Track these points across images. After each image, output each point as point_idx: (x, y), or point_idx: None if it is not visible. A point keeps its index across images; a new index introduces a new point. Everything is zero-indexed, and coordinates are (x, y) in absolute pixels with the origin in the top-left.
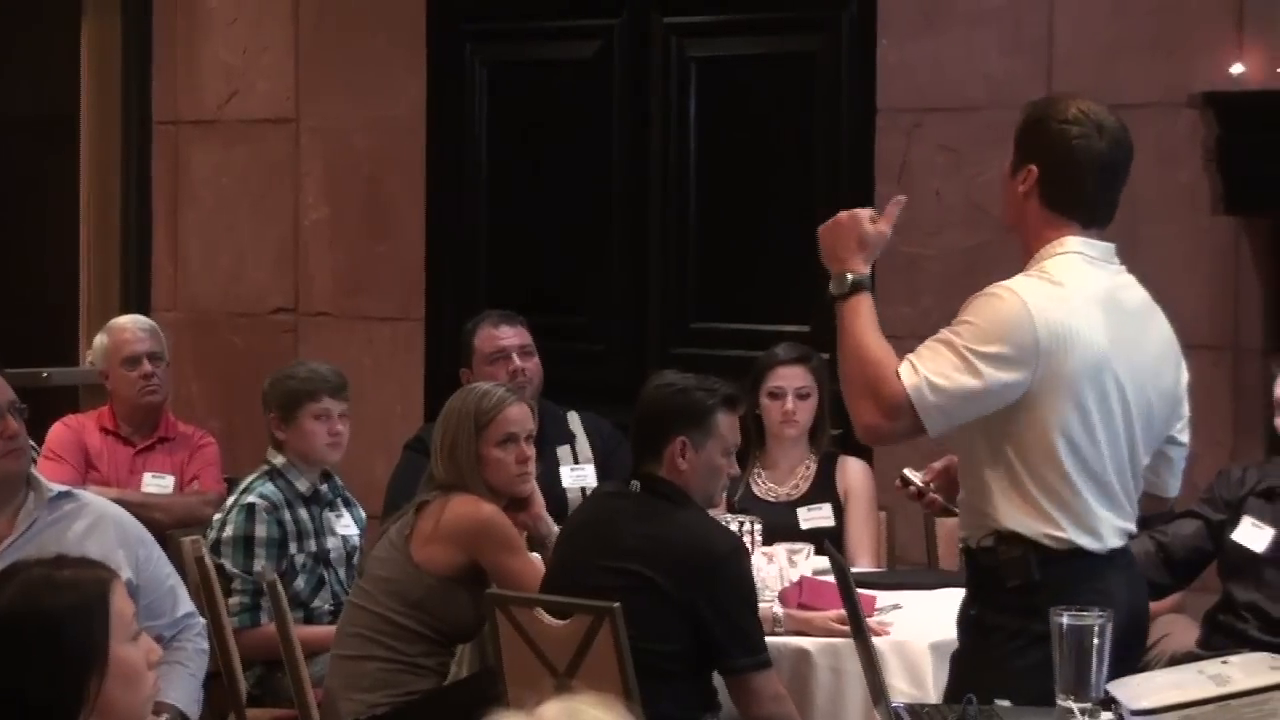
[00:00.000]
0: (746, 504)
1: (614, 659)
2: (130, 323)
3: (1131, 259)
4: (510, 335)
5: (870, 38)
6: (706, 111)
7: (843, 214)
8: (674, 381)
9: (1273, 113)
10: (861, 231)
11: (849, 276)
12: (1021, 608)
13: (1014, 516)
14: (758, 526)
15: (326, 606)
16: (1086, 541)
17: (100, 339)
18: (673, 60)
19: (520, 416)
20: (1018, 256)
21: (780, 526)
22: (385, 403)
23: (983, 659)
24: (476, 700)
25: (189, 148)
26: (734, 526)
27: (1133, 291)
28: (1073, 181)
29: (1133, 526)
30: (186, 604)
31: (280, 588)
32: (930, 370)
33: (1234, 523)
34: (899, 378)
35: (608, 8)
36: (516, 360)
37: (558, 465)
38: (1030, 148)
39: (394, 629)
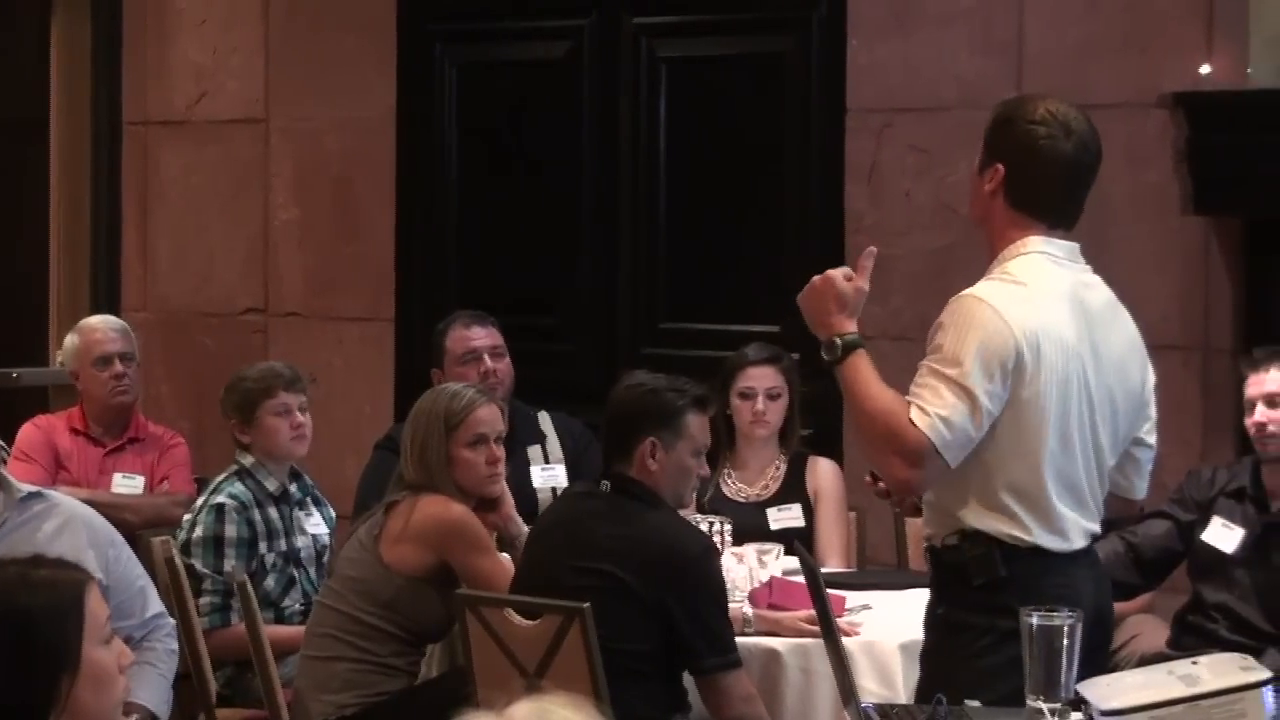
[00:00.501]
0: (716, 504)
1: (584, 659)
2: (101, 323)
3: (1101, 259)
4: (481, 336)
5: (840, 38)
6: (676, 112)
7: (815, 279)
8: (644, 382)
9: (1242, 113)
10: (838, 291)
11: (838, 340)
12: (989, 606)
13: (981, 517)
14: (728, 527)
15: (297, 606)
16: (1052, 543)
17: (71, 339)
18: (643, 61)
19: (490, 417)
20: (987, 257)
21: (750, 527)
22: (355, 403)
23: (952, 658)
24: (446, 701)
25: (159, 148)
26: (704, 527)
27: (1097, 291)
28: (1038, 182)
29: (1097, 527)
30: (156, 604)
31: (250, 588)
32: (937, 408)
33: (1204, 523)
34: (915, 425)
35: (578, 8)
36: (488, 361)
37: (528, 465)
38: (997, 147)
39: (363, 629)
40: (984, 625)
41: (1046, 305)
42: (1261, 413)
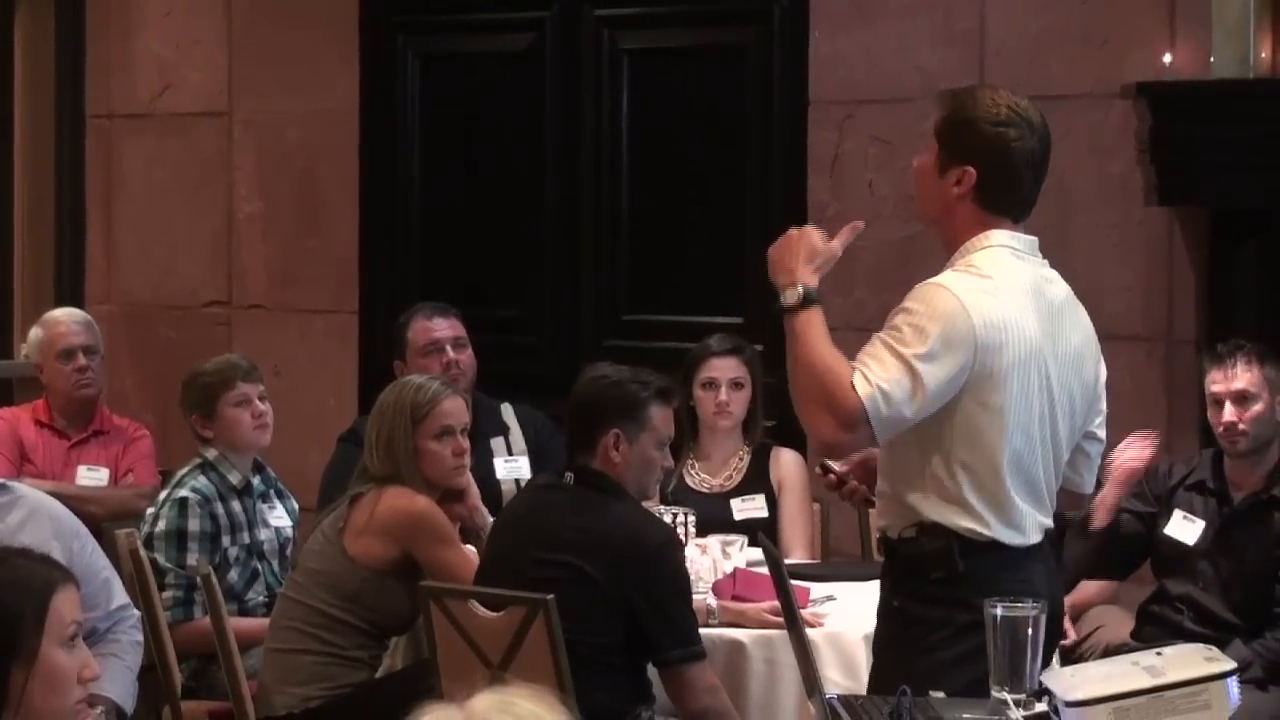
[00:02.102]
0: (680, 495)
1: (548, 651)
2: (65, 316)
3: (1064, 250)
4: (444, 327)
5: (802, 29)
6: (638, 103)
7: (792, 230)
8: (608, 374)
9: (1205, 103)
10: (812, 244)
11: (800, 289)
12: (946, 599)
13: (938, 509)
14: (691, 518)
15: (260, 599)
16: (1009, 536)
17: (35, 332)
18: (605, 52)
19: (456, 409)
20: (943, 250)
21: (714, 518)
22: (319, 395)
23: (908, 649)
24: (410, 693)
25: (122, 141)
26: (668, 518)
27: (1056, 285)
28: (1013, 184)
29: (1050, 522)
30: (121, 596)
31: (215, 581)
32: (880, 379)
33: (1165, 516)
34: (854, 389)
35: (540, 0)
36: (450, 352)
37: (492, 457)
38: (966, 150)
39: (328, 621)
40: (941, 618)
41: (1010, 298)
42: (1230, 411)
